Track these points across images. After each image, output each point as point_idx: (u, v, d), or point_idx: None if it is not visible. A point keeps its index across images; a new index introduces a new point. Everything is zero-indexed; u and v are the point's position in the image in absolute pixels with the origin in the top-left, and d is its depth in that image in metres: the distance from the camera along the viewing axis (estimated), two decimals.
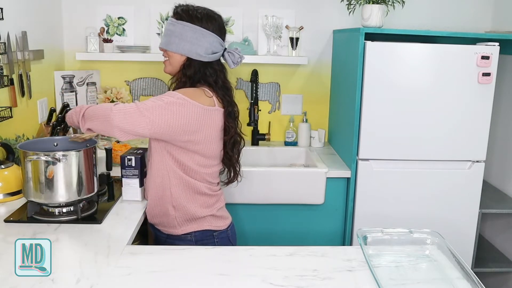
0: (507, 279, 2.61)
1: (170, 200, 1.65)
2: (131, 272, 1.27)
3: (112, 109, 1.50)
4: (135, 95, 2.76)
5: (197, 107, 1.55)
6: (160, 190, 1.66)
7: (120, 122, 1.48)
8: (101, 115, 1.52)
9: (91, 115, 1.55)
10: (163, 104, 1.51)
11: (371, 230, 1.50)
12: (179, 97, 1.53)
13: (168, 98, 1.53)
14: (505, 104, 2.63)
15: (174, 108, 1.51)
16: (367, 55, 2.17)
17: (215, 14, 1.65)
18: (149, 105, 1.51)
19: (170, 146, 1.60)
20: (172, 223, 1.68)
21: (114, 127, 1.49)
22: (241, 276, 1.29)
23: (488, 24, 2.78)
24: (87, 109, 1.58)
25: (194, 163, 1.63)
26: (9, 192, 1.73)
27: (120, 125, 1.48)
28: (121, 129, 1.49)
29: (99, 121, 1.52)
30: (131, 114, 1.49)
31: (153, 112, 1.49)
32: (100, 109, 1.54)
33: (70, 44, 2.65)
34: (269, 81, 2.80)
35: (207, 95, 1.61)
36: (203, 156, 1.63)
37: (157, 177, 1.65)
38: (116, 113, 1.48)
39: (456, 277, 1.31)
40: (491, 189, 2.68)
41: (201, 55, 1.61)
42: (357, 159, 2.29)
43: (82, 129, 1.57)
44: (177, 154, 1.61)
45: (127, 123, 1.48)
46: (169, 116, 1.51)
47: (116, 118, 1.48)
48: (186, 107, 1.53)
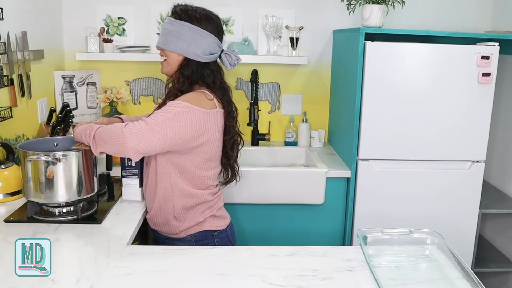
0: (507, 279, 2.61)
1: (172, 212, 1.65)
2: (131, 272, 1.27)
3: (124, 132, 1.46)
4: (135, 95, 2.76)
5: (202, 113, 1.55)
6: (163, 202, 1.66)
7: (134, 144, 1.45)
8: (113, 138, 1.48)
9: (103, 138, 1.50)
10: (171, 116, 1.49)
11: (371, 230, 1.51)
12: (184, 106, 1.52)
13: (175, 108, 1.51)
14: (505, 104, 2.63)
15: (183, 117, 1.51)
16: (367, 55, 2.17)
17: (213, 15, 1.65)
18: (159, 120, 1.49)
19: (173, 154, 1.59)
20: (173, 231, 1.69)
21: (128, 149, 1.46)
22: (241, 276, 1.29)
23: (488, 24, 2.78)
24: (97, 130, 1.52)
25: (195, 166, 1.62)
26: (9, 192, 1.73)
27: (135, 147, 1.46)
28: (135, 151, 1.47)
29: (111, 145, 1.48)
30: (143, 134, 1.46)
31: (163, 126, 1.48)
32: (111, 132, 1.49)
33: (70, 44, 2.65)
34: (269, 81, 2.80)
35: (208, 98, 1.60)
36: (205, 158, 1.63)
37: (160, 189, 1.64)
38: (128, 135, 1.45)
39: (456, 277, 1.31)
40: (491, 189, 2.68)
41: (199, 55, 1.61)
42: (357, 159, 2.29)
43: (94, 153, 1.53)
44: (178, 159, 1.60)
45: (140, 144, 1.46)
46: (179, 126, 1.50)
47: (129, 140, 1.45)
48: (193, 115, 1.53)
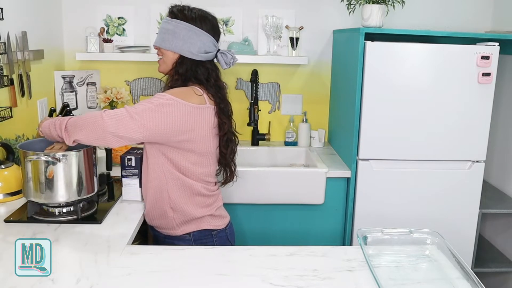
0: (507, 279, 2.61)
1: (168, 202, 1.65)
2: (131, 272, 1.27)
3: (103, 116, 1.47)
4: (135, 95, 2.76)
5: (187, 107, 1.55)
6: (158, 193, 1.66)
7: (113, 128, 1.46)
8: (91, 123, 1.47)
9: (79, 125, 1.49)
10: (153, 107, 1.50)
11: (371, 230, 1.50)
12: (168, 98, 1.53)
13: (158, 100, 1.52)
14: (505, 104, 2.63)
15: (164, 109, 1.51)
16: (367, 55, 2.17)
17: (209, 15, 1.68)
18: (139, 109, 1.49)
19: (164, 147, 1.60)
20: (171, 225, 1.68)
21: (107, 133, 1.46)
22: (241, 276, 1.29)
23: (488, 24, 2.78)
24: (68, 120, 1.51)
25: (189, 162, 1.63)
26: (9, 192, 1.73)
27: (114, 131, 1.46)
28: (115, 135, 1.47)
29: (89, 130, 1.47)
30: (122, 119, 1.47)
31: (143, 115, 1.48)
32: (88, 118, 1.49)
33: (70, 44, 2.66)
34: (269, 81, 2.80)
35: (196, 93, 1.60)
36: (198, 154, 1.63)
37: (153, 179, 1.65)
38: (107, 120, 1.46)
39: (456, 277, 1.31)
40: (491, 189, 2.68)
41: (194, 53, 1.62)
42: (357, 159, 2.29)
43: (67, 142, 1.51)
44: (172, 155, 1.61)
45: (120, 129, 1.46)
46: (160, 118, 1.50)
47: (109, 124, 1.46)
48: (176, 107, 1.53)
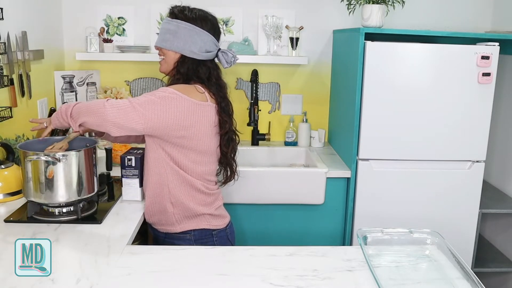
0: (507, 279, 2.61)
1: (168, 197, 1.66)
2: (131, 272, 1.27)
3: (105, 104, 1.51)
4: (135, 95, 2.75)
5: (189, 102, 1.57)
6: (158, 188, 1.66)
7: (114, 117, 1.50)
8: (94, 109, 1.53)
9: (84, 110, 1.55)
10: (155, 99, 1.53)
11: (371, 230, 1.50)
12: (171, 92, 1.56)
13: (161, 93, 1.56)
14: (505, 104, 2.63)
15: (167, 102, 1.54)
16: (367, 55, 2.17)
17: (209, 15, 1.70)
18: (142, 100, 1.53)
19: (165, 143, 1.61)
20: (171, 220, 1.68)
21: (108, 121, 1.50)
22: (241, 276, 1.29)
23: (488, 24, 2.78)
24: (73, 107, 1.57)
25: (189, 160, 1.64)
26: (9, 192, 1.73)
27: (114, 120, 1.50)
28: (115, 124, 1.50)
29: (92, 116, 1.53)
30: (124, 109, 1.51)
31: (145, 106, 1.52)
32: (92, 105, 1.55)
33: (70, 44, 2.66)
34: (269, 81, 2.80)
35: (198, 91, 1.63)
36: (197, 152, 1.64)
37: (154, 175, 1.66)
38: (109, 108, 1.50)
39: (456, 277, 1.31)
40: (491, 189, 2.68)
41: (195, 53, 1.64)
42: (357, 159, 2.28)
43: (73, 127, 1.57)
44: (172, 151, 1.62)
45: (121, 118, 1.50)
46: (162, 110, 1.53)
47: (110, 113, 1.50)
48: (178, 102, 1.55)
